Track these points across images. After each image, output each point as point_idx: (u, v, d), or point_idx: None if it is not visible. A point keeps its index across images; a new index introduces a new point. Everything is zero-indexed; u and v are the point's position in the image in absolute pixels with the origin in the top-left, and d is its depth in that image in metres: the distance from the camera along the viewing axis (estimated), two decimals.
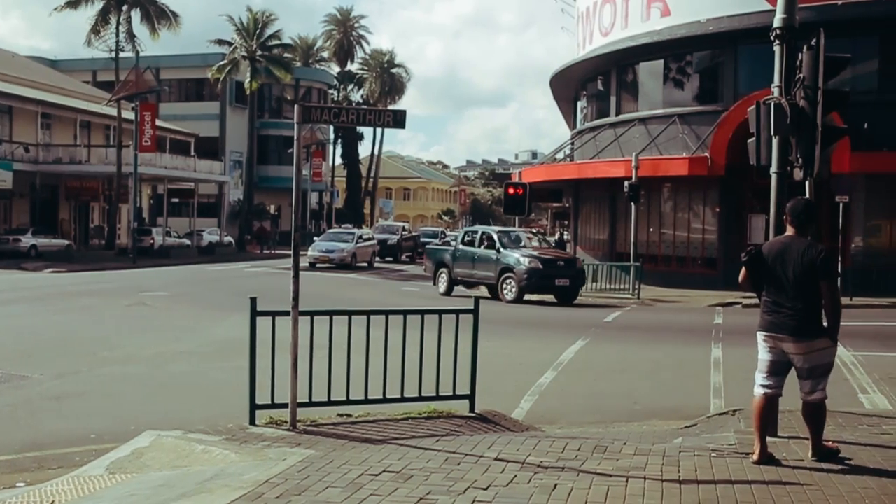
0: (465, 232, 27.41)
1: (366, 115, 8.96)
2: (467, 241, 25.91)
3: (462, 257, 25.36)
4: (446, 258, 26.05)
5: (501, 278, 23.67)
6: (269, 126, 64.76)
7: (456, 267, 25.47)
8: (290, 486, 6.00)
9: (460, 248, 25.77)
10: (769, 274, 6.76)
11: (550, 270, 23.45)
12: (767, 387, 6.84)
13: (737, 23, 27.67)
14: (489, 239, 25.02)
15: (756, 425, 6.86)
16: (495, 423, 8.52)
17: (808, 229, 6.85)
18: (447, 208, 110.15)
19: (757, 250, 6.93)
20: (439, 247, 29.82)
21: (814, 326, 6.62)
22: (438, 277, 26.19)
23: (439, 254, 26.99)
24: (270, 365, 7.86)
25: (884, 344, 13.54)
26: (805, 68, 7.75)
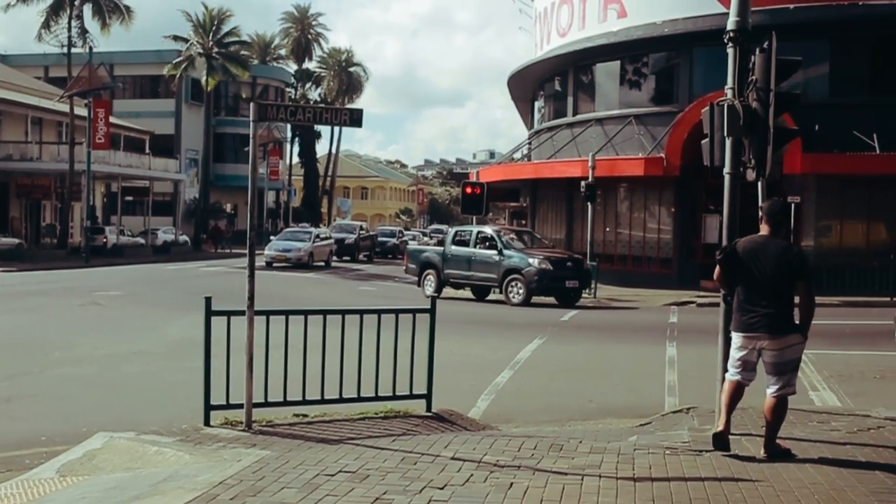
0: (455, 231, 26.47)
1: (323, 113, 8.91)
2: (459, 241, 25.04)
3: (455, 258, 24.56)
4: (434, 259, 25.27)
5: (506, 280, 23.01)
6: (225, 124, 64.15)
7: (447, 268, 24.70)
8: (245, 487, 5.95)
9: (452, 248, 24.91)
10: (744, 272, 6.93)
11: (560, 272, 22.81)
12: (741, 375, 7.05)
13: (692, 25, 27.98)
14: (489, 239, 24.32)
15: (725, 404, 7.09)
16: (452, 422, 8.53)
17: (782, 229, 7.10)
18: (405, 207, 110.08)
19: (732, 248, 7.08)
20: (424, 247, 29.08)
21: (788, 323, 6.85)
22: (424, 279, 25.31)
23: (425, 254, 26.17)
24: (226, 365, 7.80)
25: (834, 342, 13.78)
26: (758, 71, 7.85)
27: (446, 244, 25.59)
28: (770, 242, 6.95)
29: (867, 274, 23.89)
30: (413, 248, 28.66)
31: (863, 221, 27.30)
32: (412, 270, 26.62)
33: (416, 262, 26.14)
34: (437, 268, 24.98)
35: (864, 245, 26.61)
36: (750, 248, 6.96)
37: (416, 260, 26.25)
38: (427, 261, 25.55)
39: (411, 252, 27.65)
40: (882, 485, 6.25)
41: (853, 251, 26.18)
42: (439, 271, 24.89)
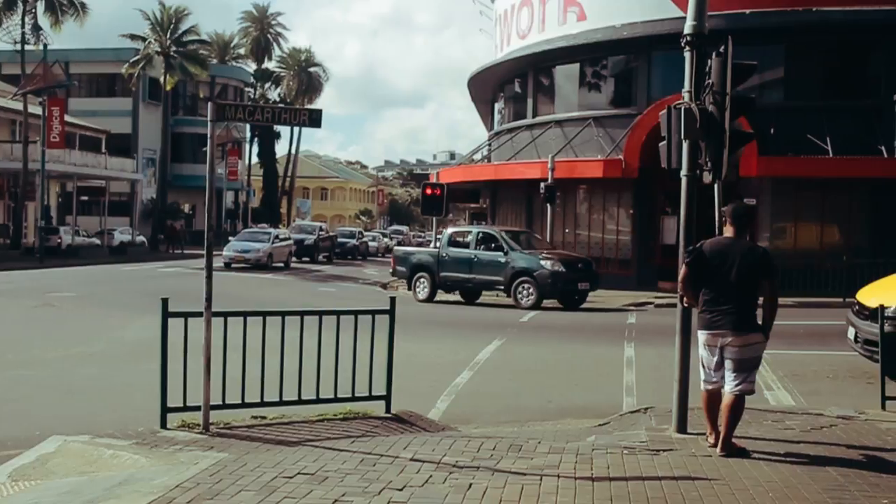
0: (452, 232, 25.44)
1: (281, 113, 8.86)
2: (457, 243, 24.28)
3: (452, 260, 23.69)
4: (427, 261, 24.38)
5: (515, 283, 22.26)
6: (183, 123, 63.53)
7: (443, 271, 23.82)
8: (203, 490, 5.90)
9: (449, 250, 23.99)
10: (711, 273, 7.12)
11: (573, 274, 22.35)
12: (713, 382, 7.22)
13: (650, 29, 28.24)
14: (492, 240, 23.53)
15: (707, 416, 7.34)
16: (411, 423, 8.52)
17: (747, 230, 7.34)
18: (365, 208, 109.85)
19: (699, 250, 7.24)
20: (413, 249, 28.04)
21: (751, 322, 7.06)
22: (416, 283, 24.43)
23: (416, 257, 25.13)
24: (183, 367, 7.72)
25: (788, 342, 13.97)
26: (714, 74, 7.95)
27: (441, 246, 24.60)
28: (736, 243, 7.17)
29: (821, 275, 24.26)
30: (401, 251, 27.44)
31: (816, 223, 27.75)
32: (401, 274, 25.64)
33: (406, 265, 25.11)
34: (431, 271, 24.05)
35: (818, 247, 27.04)
36: (717, 250, 7.17)
37: (406, 263, 25.19)
38: (419, 263, 24.60)
39: (401, 255, 26.37)
40: (834, 482, 6.36)
41: (807, 253, 26.56)
42: (434, 274, 23.98)
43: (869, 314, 11.25)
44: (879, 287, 12.37)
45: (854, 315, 11.89)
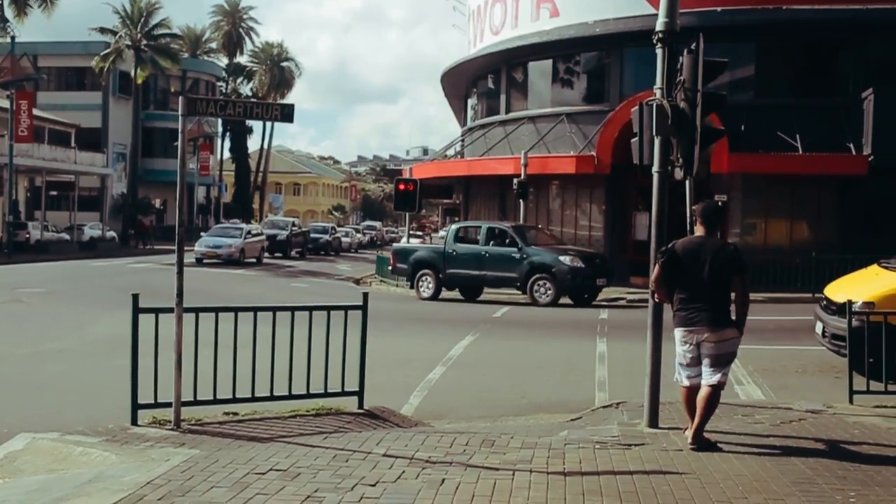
0: (458, 228, 24.54)
1: (253, 108, 8.80)
2: (464, 239, 23.68)
3: (460, 257, 22.98)
4: (431, 258, 23.52)
5: (532, 279, 21.75)
6: (154, 118, 63.00)
7: (450, 268, 23.07)
8: (174, 486, 5.86)
9: (456, 246, 23.26)
10: (685, 271, 7.24)
11: (591, 270, 21.90)
12: (691, 377, 7.32)
13: (622, 25, 28.36)
14: (504, 235, 22.89)
15: (688, 411, 7.42)
16: (384, 419, 8.51)
17: (717, 229, 7.51)
18: (338, 204, 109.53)
19: (672, 249, 7.35)
20: (414, 245, 27.16)
21: (726, 318, 7.19)
22: (420, 280, 23.51)
23: (419, 253, 24.20)
24: (154, 363, 7.66)
25: (758, 337, 14.09)
26: (685, 71, 7.99)
27: (447, 242, 23.82)
28: (707, 241, 7.31)
29: (790, 271, 24.50)
30: (401, 247, 26.43)
31: (786, 220, 28.01)
32: (402, 272, 24.65)
33: (407, 263, 24.10)
34: (436, 268, 23.28)
35: (788, 243, 27.30)
36: (689, 249, 7.30)
37: (407, 260, 24.16)
38: (422, 260, 23.71)
39: (399, 251, 25.42)
40: (802, 475, 6.44)
41: (777, 249, 26.82)
42: (439, 271, 23.22)
43: (836, 309, 11.40)
44: (846, 282, 12.53)
45: (822, 310, 12.03)
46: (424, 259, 23.74)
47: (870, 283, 11.69)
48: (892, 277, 11.44)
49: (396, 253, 25.50)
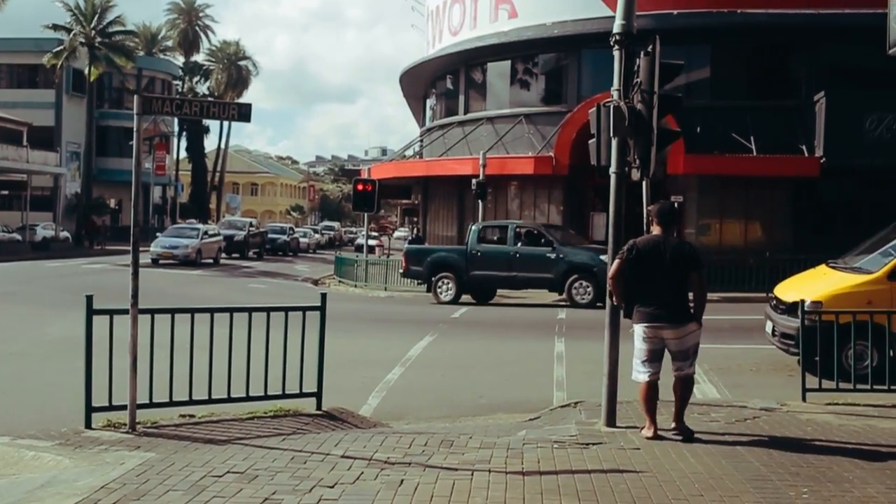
0: (480, 228, 23.23)
1: (210, 107, 8.71)
2: (489, 239, 22.65)
3: (485, 257, 22.01)
4: (451, 259, 22.54)
5: (570, 280, 21.06)
6: (109, 116, 62.09)
7: (474, 269, 22.05)
8: (129, 490, 5.79)
9: (481, 246, 22.27)
10: (646, 269, 7.46)
11: None
12: (650, 373, 7.54)
13: (580, 27, 28.56)
14: (535, 235, 22.16)
15: (645, 408, 7.62)
16: (342, 420, 8.48)
17: (673, 228, 7.78)
18: (296, 204, 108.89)
19: (635, 246, 7.54)
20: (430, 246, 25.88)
21: (686, 313, 7.49)
22: (439, 283, 22.44)
23: (437, 255, 23.08)
24: (108, 365, 7.56)
25: (713, 337, 14.22)
26: (642, 73, 8.07)
27: (470, 242, 22.65)
28: (665, 240, 7.57)
29: (745, 270, 24.78)
30: (416, 248, 25.19)
31: (741, 220, 28.39)
32: (416, 274, 23.38)
33: (423, 265, 22.85)
34: (458, 270, 22.27)
35: (742, 243, 27.67)
36: (649, 247, 7.53)
37: (423, 262, 22.91)
38: (440, 262, 22.62)
39: (414, 252, 24.05)
40: (757, 472, 6.53)
41: (732, 249, 27.16)
42: (461, 273, 22.20)
43: (785, 308, 11.64)
44: (795, 282, 12.76)
45: (772, 309, 12.25)
46: (443, 261, 22.67)
47: (818, 283, 11.93)
48: (839, 277, 11.69)
49: (410, 254, 24.03)
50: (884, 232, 12.37)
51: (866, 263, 11.64)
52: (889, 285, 10.76)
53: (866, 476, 6.49)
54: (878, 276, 10.97)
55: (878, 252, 11.69)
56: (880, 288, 10.78)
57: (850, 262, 12.25)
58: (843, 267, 12.15)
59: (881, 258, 11.37)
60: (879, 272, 11.00)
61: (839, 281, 11.51)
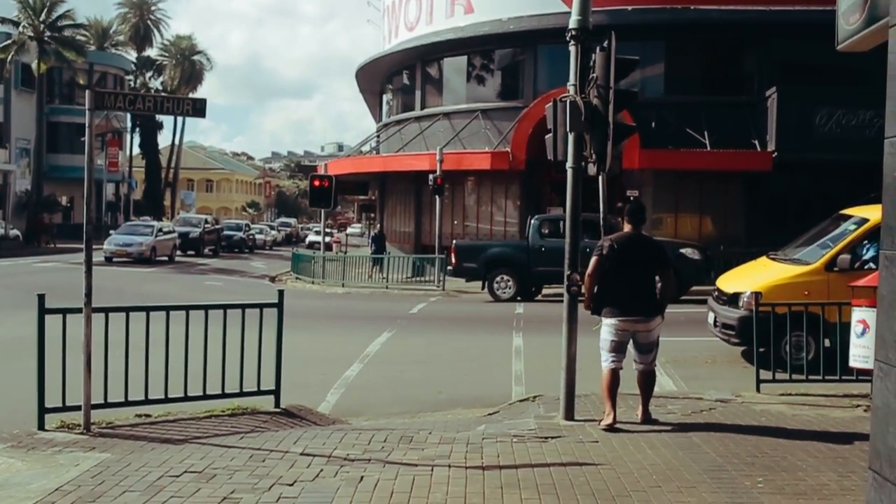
0: (541, 220, 21.94)
1: (164, 102, 8.61)
2: (552, 233, 21.08)
3: (552, 253, 19.66)
4: (511, 255, 21.71)
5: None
6: (60, 112, 60.97)
7: (539, 265, 20.94)
8: (84, 492, 5.71)
9: (545, 241, 21.17)
10: (622, 265, 7.71)
11: (706, 262, 20.74)
12: (615, 362, 7.79)
13: (536, 23, 28.65)
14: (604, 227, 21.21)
15: (608, 396, 7.80)
16: (301, 417, 8.44)
17: (642, 225, 8.01)
18: (252, 201, 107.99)
19: (613, 243, 7.80)
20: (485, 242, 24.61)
21: (656, 306, 7.80)
22: (496, 281, 21.55)
23: (493, 251, 22.15)
24: (61, 365, 7.44)
25: (669, 329, 14.33)
26: (598, 68, 8.12)
27: (531, 237, 21.57)
28: (637, 237, 7.87)
29: None
30: (467, 244, 23.81)
31: (695, 214, 28.72)
32: (468, 272, 22.26)
33: (477, 262, 21.73)
34: (518, 266, 21.37)
35: (697, 237, 27.94)
36: (624, 243, 7.80)
37: (476, 258, 21.77)
38: (497, 258, 21.70)
39: (465, 248, 22.74)
40: (713, 462, 6.61)
41: None
42: (522, 270, 21.26)
43: (726, 300, 11.86)
44: (737, 274, 12.99)
45: (714, 301, 12.46)
46: (501, 257, 21.73)
47: (758, 274, 12.19)
48: (779, 268, 11.93)
49: (461, 251, 22.60)
50: (823, 224, 12.65)
51: (805, 255, 11.89)
52: (826, 276, 11.00)
53: (819, 464, 6.61)
54: (815, 267, 11.21)
55: (816, 244, 11.96)
56: (817, 279, 11.02)
57: (789, 253, 12.51)
58: (782, 258, 12.41)
59: (819, 250, 11.63)
60: (817, 263, 11.24)
61: (779, 272, 11.74)
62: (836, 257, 11.06)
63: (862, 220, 11.44)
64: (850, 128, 24.78)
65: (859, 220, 11.54)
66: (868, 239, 11.16)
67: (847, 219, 11.95)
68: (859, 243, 11.17)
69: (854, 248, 11.11)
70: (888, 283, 4.20)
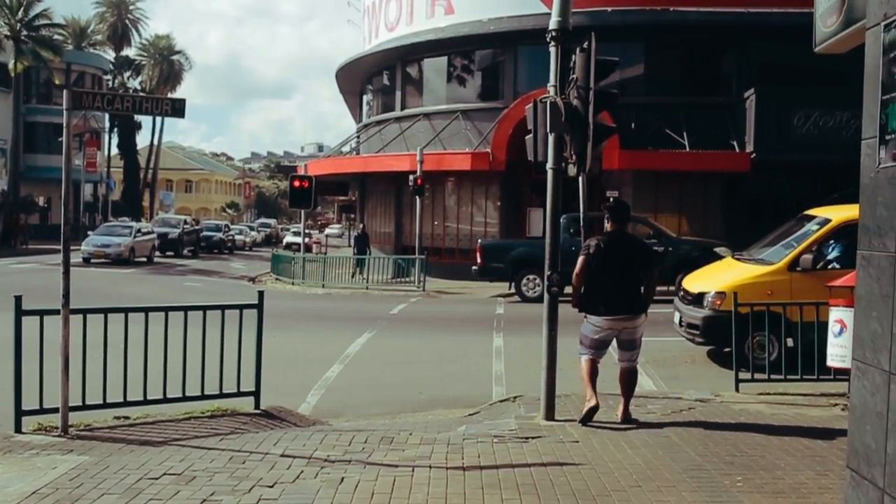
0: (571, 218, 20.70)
1: (143, 102, 8.55)
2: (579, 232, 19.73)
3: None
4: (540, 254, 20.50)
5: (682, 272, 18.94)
6: (37, 112, 60.44)
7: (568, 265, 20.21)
8: (62, 495, 5.66)
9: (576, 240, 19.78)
10: (608, 264, 7.84)
11: None
12: (595, 355, 7.99)
13: (516, 24, 28.71)
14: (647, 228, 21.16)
15: (588, 382, 7.95)
16: (281, 418, 8.41)
17: (627, 224, 8.13)
18: (231, 201, 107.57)
19: (600, 243, 7.93)
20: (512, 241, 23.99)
21: (641, 304, 7.92)
22: (524, 281, 21.16)
23: (521, 250, 21.64)
24: (39, 367, 7.38)
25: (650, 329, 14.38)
26: (578, 69, 8.14)
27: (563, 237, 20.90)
28: (622, 237, 8.00)
29: None
30: (493, 244, 23.29)
31: (675, 214, 28.80)
32: (495, 272, 21.80)
33: (504, 262, 21.37)
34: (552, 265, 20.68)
35: (677, 237, 28.07)
36: (611, 243, 7.94)
37: (504, 258, 21.39)
38: (527, 258, 21.17)
39: (491, 247, 22.21)
40: (693, 462, 6.64)
41: None
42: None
43: (691, 299, 11.96)
44: (702, 274, 13.08)
45: (679, 301, 12.54)
46: (530, 257, 21.10)
47: (723, 274, 12.30)
48: (744, 268, 12.04)
49: (487, 250, 22.23)
50: (788, 224, 12.78)
51: (769, 255, 12.00)
52: (789, 276, 11.13)
53: (797, 463, 6.66)
54: (778, 267, 11.32)
55: (780, 244, 12.08)
56: (781, 278, 11.13)
57: (754, 253, 12.63)
58: (747, 258, 12.53)
59: (783, 250, 11.74)
60: (780, 263, 11.35)
61: (743, 272, 11.85)
62: (798, 257, 11.19)
63: (824, 221, 11.55)
64: (828, 129, 24.97)
65: (822, 220, 11.65)
66: (831, 239, 11.31)
67: (810, 219, 12.06)
68: (822, 243, 11.30)
69: (816, 248, 11.23)
70: (865, 282, 4.24)
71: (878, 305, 4.08)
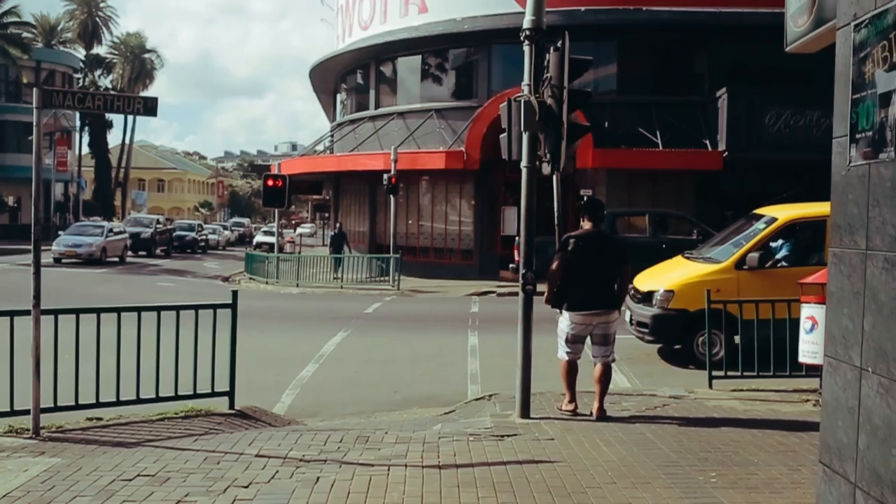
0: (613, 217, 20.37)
1: (114, 101, 8.46)
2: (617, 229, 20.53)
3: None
4: None
5: None
6: (6, 111, 59.76)
7: None
8: (34, 498, 5.60)
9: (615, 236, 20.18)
10: (584, 261, 7.95)
11: None
12: (572, 353, 8.10)
13: (490, 23, 28.73)
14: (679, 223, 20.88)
15: (567, 383, 8.20)
16: (256, 418, 8.38)
17: (602, 222, 8.28)
18: (205, 200, 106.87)
19: (577, 240, 8.03)
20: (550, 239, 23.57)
21: (616, 300, 8.06)
22: None
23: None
24: (9, 369, 7.30)
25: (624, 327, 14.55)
26: (552, 68, 8.17)
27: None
28: (598, 234, 8.11)
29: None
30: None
31: None
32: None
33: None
34: None
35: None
36: (587, 240, 8.05)
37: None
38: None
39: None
40: (667, 458, 6.69)
41: None
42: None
43: (641, 298, 12.04)
44: (653, 272, 13.17)
45: (630, 299, 12.62)
46: None
47: (672, 273, 12.42)
48: (692, 267, 12.17)
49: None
50: (737, 223, 12.90)
51: (717, 254, 12.12)
52: (736, 274, 11.25)
53: (770, 458, 6.72)
54: (725, 265, 11.45)
55: (729, 243, 12.21)
56: (727, 277, 11.26)
57: (703, 252, 12.76)
58: (696, 257, 12.65)
59: (731, 248, 11.86)
60: (727, 262, 11.48)
61: (691, 270, 11.96)
62: (745, 256, 11.29)
63: (771, 220, 11.67)
64: (798, 128, 25.18)
65: (769, 219, 11.77)
66: (777, 237, 11.43)
67: (759, 218, 12.18)
68: (768, 242, 11.41)
69: (763, 246, 11.34)
70: (836, 279, 4.29)
71: (850, 302, 4.12)
